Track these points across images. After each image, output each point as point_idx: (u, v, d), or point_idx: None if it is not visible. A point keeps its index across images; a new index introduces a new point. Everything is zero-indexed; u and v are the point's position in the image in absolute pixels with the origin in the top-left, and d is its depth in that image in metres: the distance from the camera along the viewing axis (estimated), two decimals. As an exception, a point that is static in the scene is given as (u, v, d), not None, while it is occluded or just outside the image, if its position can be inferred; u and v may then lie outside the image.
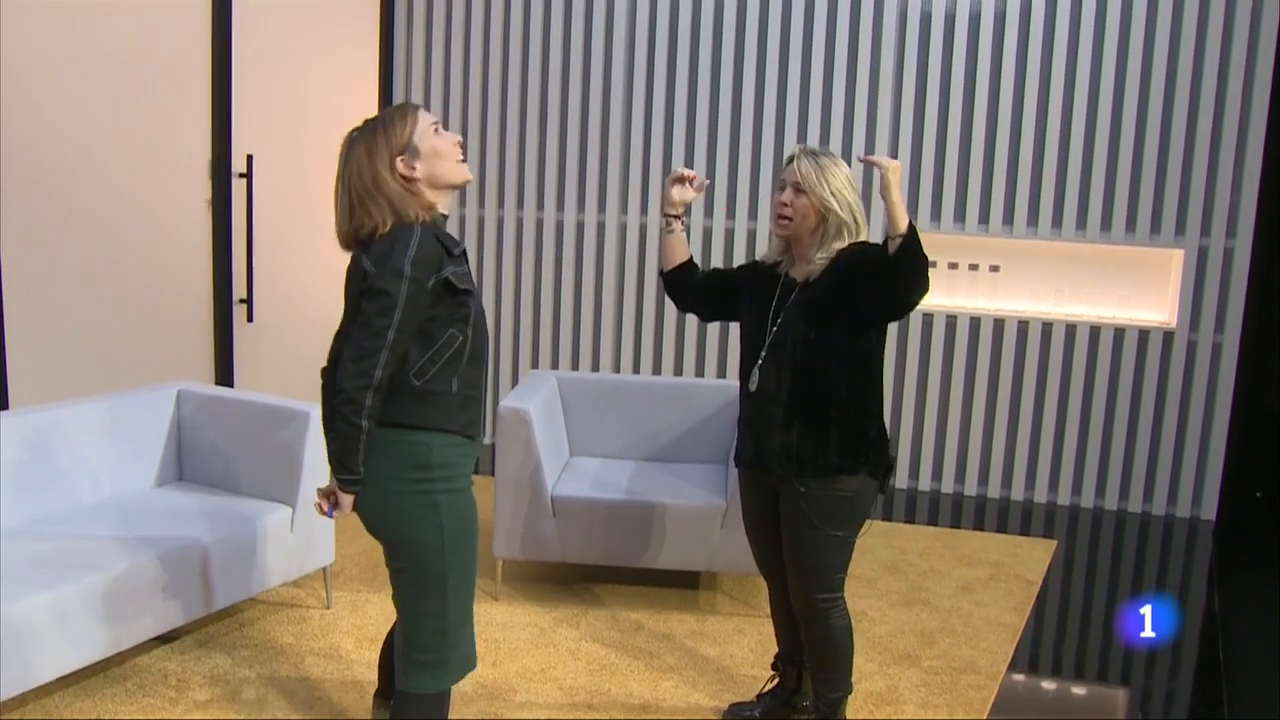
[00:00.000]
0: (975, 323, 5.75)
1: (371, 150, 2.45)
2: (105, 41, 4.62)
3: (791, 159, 2.91)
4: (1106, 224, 5.54)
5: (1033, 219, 5.62)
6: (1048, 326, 5.66)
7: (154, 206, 4.96)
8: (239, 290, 5.41)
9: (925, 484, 5.90)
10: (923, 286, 2.70)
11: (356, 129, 2.52)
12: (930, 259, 2.75)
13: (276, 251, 5.58)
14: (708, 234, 6.02)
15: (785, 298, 2.94)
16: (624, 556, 4.05)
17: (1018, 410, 5.74)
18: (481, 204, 6.36)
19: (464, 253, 2.50)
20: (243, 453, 3.91)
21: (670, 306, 5.98)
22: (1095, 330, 5.61)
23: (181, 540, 3.41)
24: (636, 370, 6.18)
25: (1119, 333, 5.59)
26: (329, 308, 6.08)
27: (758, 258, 3.19)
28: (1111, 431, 5.65)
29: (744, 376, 3.01)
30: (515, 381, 6.42)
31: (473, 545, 2.57)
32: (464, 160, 2.56)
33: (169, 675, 3.40)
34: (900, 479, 5.93)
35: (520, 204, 6.29)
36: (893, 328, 5.76)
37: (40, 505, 3.56)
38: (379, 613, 3.96)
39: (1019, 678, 3.70)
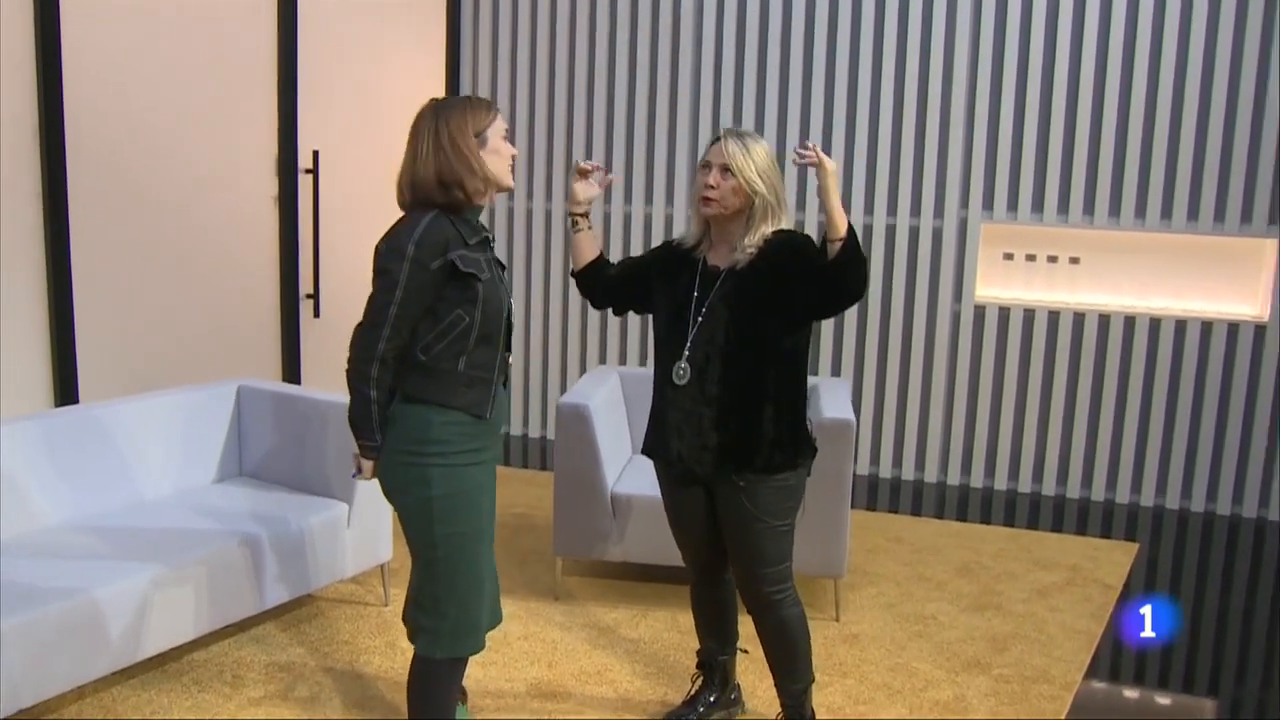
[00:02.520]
0: (1054, 317, 5.54)
1: (463, 121, 2.57)
2: (171, 39, 4.66)
3: (717, 139, 2.81)
4: (1193, 213, 5.29)
5: (1114, 208, 5.40)
6: (1130, 321, 5.44)
7: (221, 203, 5.00)
8: (305, 286, 5.43)
9: (1001, 483, 5.72)
10: (861, 289, 2.66)
11: (443, 99, 2.66)
12: (1007, 251, 2.67)
13: (343, 247, 5.59)
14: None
15: (708, 287, 2.81)
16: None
17: (1099, 407, 5.53)
18: (549, 197, 6.31)
19: (486, 240, 2.64)
20: (301, 449, 3.90)
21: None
22: (1181, 324, 5.37)
23: (238, 536, 3.42)
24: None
25: (1206, 327, 5.35)
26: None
27: (673, 239, 3.05)
28: (1198, 430, 5.41)
29: (664, 369, 2.87)
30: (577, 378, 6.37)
31: (473, 523, 2.64)
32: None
33: (225, 671, 3.40)
34: (975, 478, 5.75)
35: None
36: (968, 322, 5.60)
37: (100, 499, 3.59)
38: (437, 610, 3.92)
39: (1095, 687, 3.53)
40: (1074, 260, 5.55)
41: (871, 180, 5.70)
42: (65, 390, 4.45)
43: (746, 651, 3.23)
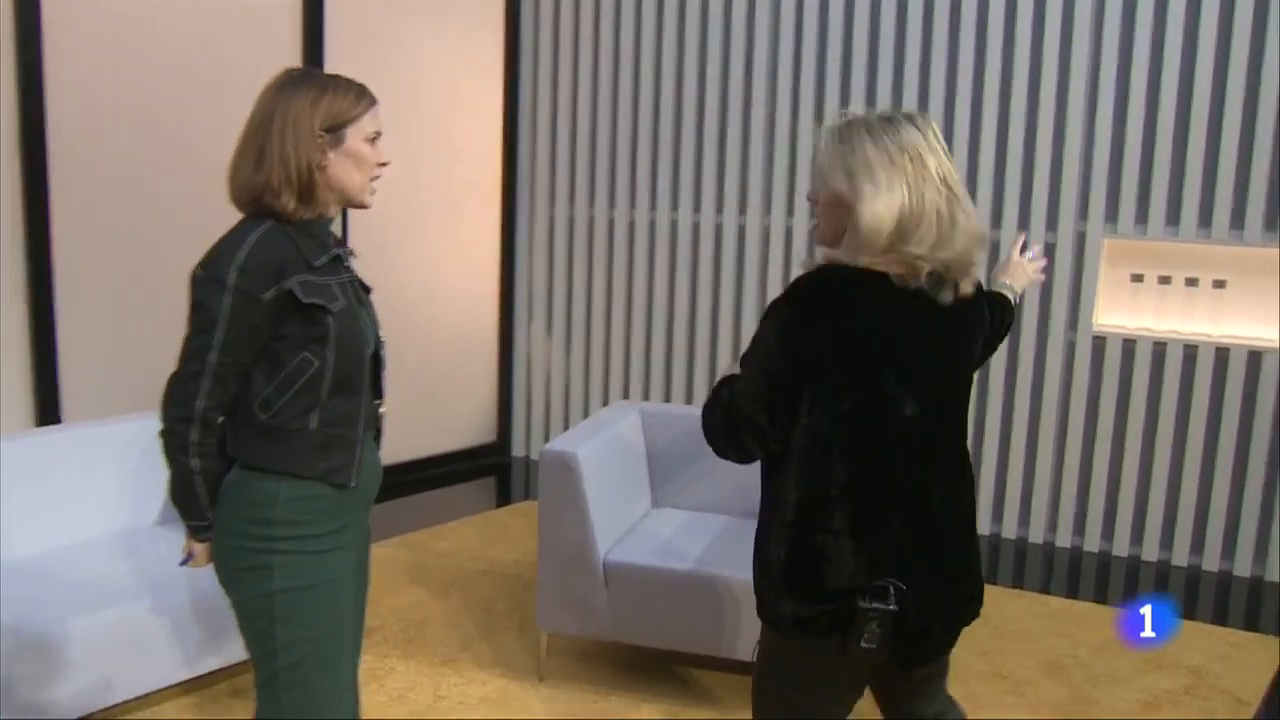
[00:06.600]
0: (1191, 351, 4.59)
1: (314, 105, 1.99)
2: (189, 45, 4.34)
3: None
4: (1374, 228, 4.29)
5: (1271, 221, 4.41)
6: (1289, 359, 4.45)
7: (231, 209, 4.57)
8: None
9: (1122, 548, 4.78)
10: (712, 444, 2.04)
11: (300, 70, 2.06)
12: (1135, 271, 1.87)
13: (376, 265, 5.09)
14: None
15: None
16: (691, 641, 3.26)
17: (1244, 462, 4.54)
18: (611, 204, 5.67)
19: (338, 259, 2.05)
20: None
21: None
22: (1355, 365, 4.37)
23: (167, 589, 2.98)
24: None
25: (1389, 369, 4.33)
26: (436, 321, 5.58)
27: None
28: (1376, 496, 4.38)
29: None
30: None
31: (329, 624, 2.07)
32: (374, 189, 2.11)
33: (119, 759, 2.89)
34: (1090, 539, 4.83)
35: (653, 203, 5.56)
36: (1085, 355, 4.73)
37: (21, 541, 3.18)
38: (401, 684, 3.35)
39: None
40: (1218, 284, 4.58)
41: (971, 186, 4.85)
42: (46, 409, 4.10)
43: None
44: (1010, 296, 2.26)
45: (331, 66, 4.78)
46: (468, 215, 5.61)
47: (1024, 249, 2.53)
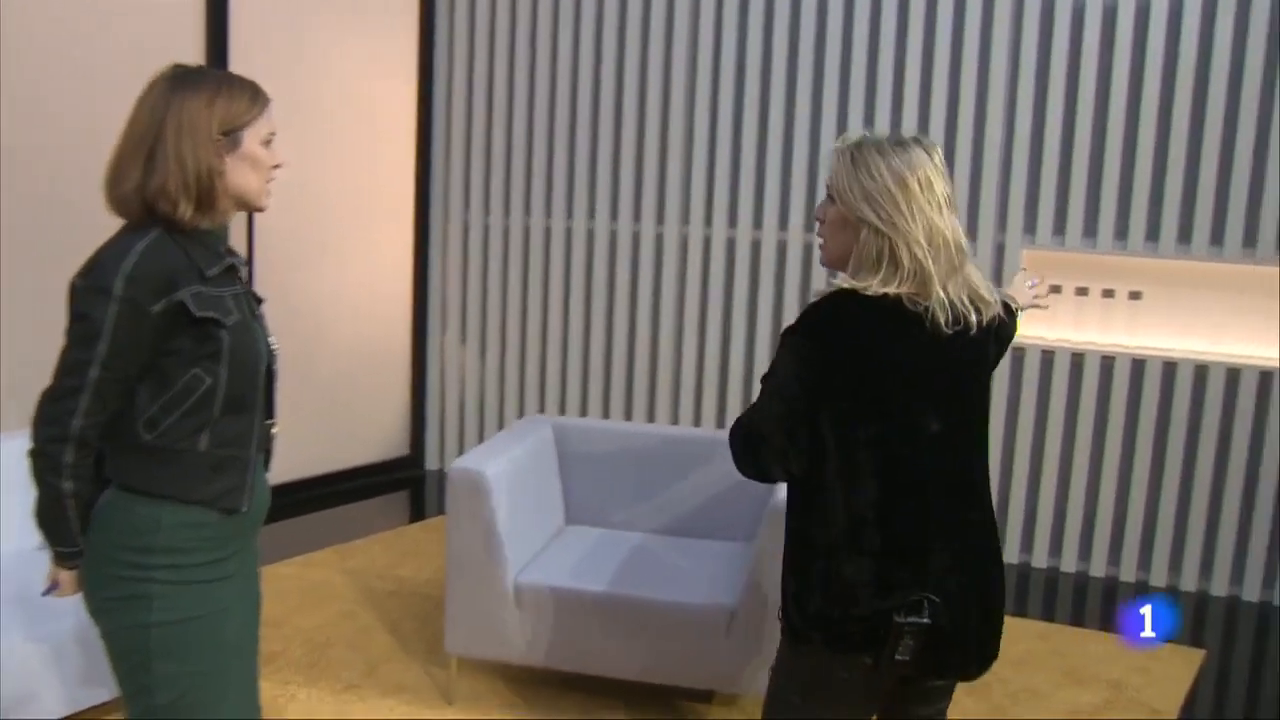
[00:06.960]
0: (1108, 363, 4.61)
1: (210, 107, 1.85)
2: (93, 45, 4.15)
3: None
4: (1284, 241, 4.34)
5: (1185, 233, 4.45)
6: (1201, 370, 4.48)
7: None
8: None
9: (1041, 559, 4.78)
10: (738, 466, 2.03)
11: (188, 68, 1.91)
12: (1053, 283, 1.83)
13: (284, 272, 4.92)
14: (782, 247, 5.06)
15: None
16: (606, 664, 3.16)
17: (1160, 473, 4.57)
18: (527, 211, 5.55)
19: (232, 269, 1.92)
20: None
21: (713, 341, 5.11)
22: (1266, 376, 4.40)
23: (49, 617, 2.83)
24: (652, 418, 5.30)
25: (1298, 380, 4.38)
26: (346, 330, 5.39)
27: None
28: (1286, 505, 4.44)
29: None
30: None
31: (212, 659, 1.93)
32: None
33: (-10, 804, 2.69)
34: (1010, 552, 4.82)
35: (570, 211, 5.44)
36: (1003, 367, 4.70)
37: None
38: (303, 712, 3.19)
39: None
40: (1134, 295, 4.61)
41: (893, 195, 4.83)
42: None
43: None
44: (1012, 305, 2.27)
45: (236, 67, 4.59)
46: (380, 220, 5.45)
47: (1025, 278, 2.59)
